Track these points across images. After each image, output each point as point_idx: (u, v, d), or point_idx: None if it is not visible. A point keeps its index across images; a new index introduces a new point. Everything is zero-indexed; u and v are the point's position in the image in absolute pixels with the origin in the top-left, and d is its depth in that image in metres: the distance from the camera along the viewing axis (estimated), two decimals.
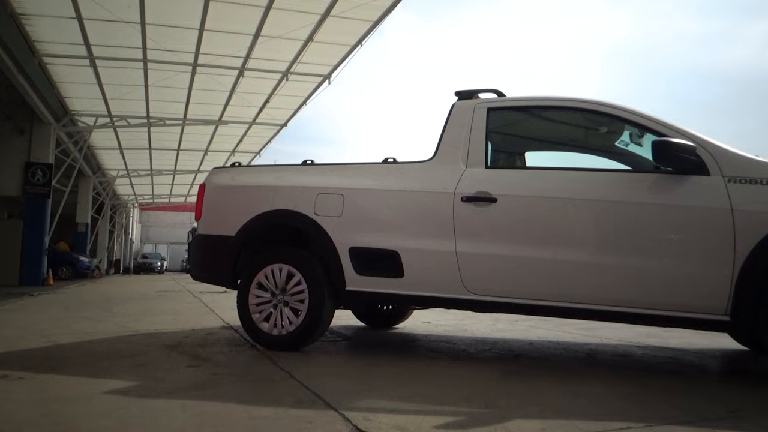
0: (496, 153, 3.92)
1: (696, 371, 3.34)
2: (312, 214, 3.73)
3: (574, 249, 3.16)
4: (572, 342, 4.41)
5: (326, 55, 13.31)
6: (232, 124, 18.56)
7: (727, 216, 2.85)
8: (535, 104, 3.69)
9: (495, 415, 2.19)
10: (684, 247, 2.98)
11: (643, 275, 3.01)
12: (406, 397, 2.52)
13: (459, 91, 3.80)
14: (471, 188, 3.39)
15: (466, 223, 3.36)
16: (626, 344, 4.32)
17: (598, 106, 3.39)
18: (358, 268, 3.60)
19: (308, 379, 2.81)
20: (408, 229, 3.53)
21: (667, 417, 2.18)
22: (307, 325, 3.63)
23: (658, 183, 3.09)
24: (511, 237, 3.29)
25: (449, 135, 3.63)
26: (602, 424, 2.08)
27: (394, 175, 3.70)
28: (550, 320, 5.66)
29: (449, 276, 3.38)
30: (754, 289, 2.77)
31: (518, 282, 3.26)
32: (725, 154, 2.98)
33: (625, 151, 3.66)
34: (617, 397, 2.56)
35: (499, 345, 4.21)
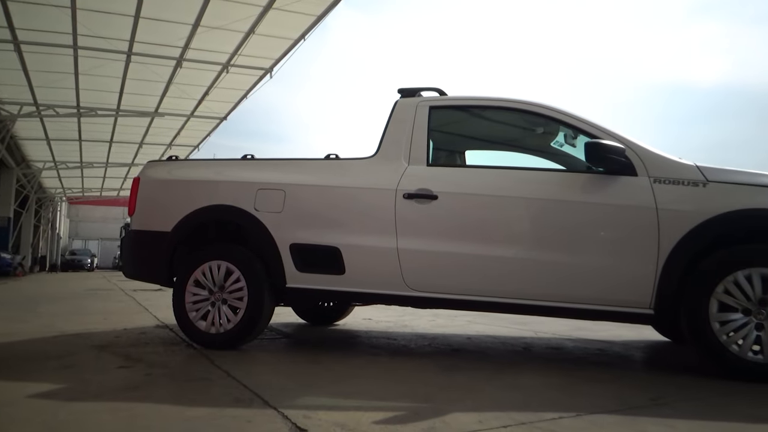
0: (438, 151, 3.97)
1: (623, 362, 3.51)
2: (252, 209, 3.67)
3: (511, 246, 3.26)
4: (509, 336, 4.54)
5: (268, 48, 13.10)
6: (169, 117, 17.97)
7: (652, 214, 3.01)
8: (476, 104, 3.76)
9: (434, 409, 2.22)
10: (613, 244, 3.12)
11: (576, 271, 3.14)
12: (347, 394, 2.53)
13: (402, 88, 3.83)
14: (412, 185, 3.42)
15: (407, 220, 3.39)
16: (559, 337, 4.48)
17: (534, 107, 3.49)
18: (299, 265, 3.56)
19: (247, 378, 2.76)
20: (350, 225, 3.53)
21: (596, 406, 2.28)
22: (246, 322, 3.56)
23: (590, 182, 3.22)
24: (451, 234, 3.35)
25: (392, 132, 3.65)
26: (536, 414, 2.15)
27: (337, 171, 3.68)
28: (488, 315, 5.80)
29: (390, 272, 3.40)
30: (675, 284, 2.94)
31: (458, 278, 3.32)
32: (651, 156, 3.15)
33: (559, 151, 3.80)
34: (550, 388, 2.66)
35: (439, 340, 4.27)
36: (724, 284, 2.86)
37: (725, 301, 2.86)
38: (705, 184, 3.00)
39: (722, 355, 2.84)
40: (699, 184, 3.01)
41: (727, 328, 2.84)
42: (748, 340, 2.82)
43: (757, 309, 2.82)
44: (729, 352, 2.83)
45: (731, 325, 2.84)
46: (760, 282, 2.81)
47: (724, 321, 2.85)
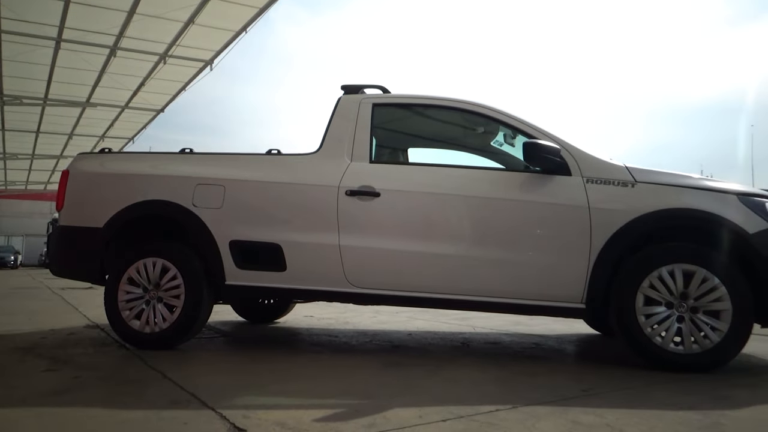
0: (380, 148, 3.99)
1: (556, 355, 3.65)
2: (190, 205, 3.56)
3: (452, 243, 3.31)
4: (448, 332, 4.62)
5: (209, 39, 12.75)
6: (102, 107, 17.20)
7: (584, 213, 3.14)
8: (419, 102, 3.80)
9: (375, 406, 2.24)
10: (548, 241, 3.23)
11: (513, 267, 3.23)
12: (287, 392, 2.50)
13: (345, 85, 3.82)
14: (355, 182, 3.42)
15: (349, 217, 3.39)
16: (496, 332, 4.61)
17: (475, 107, 3.57)
18: (238, 262, 3.50)
19: (183, 379, 2.69)
20: (291, 222, 3.49)
21: (531, 398, 2.36)
22: (183, 321, 3.47)
23: (527, 181, 3.32)
24: (393, 231, 3.37)
25: (334, 129, 3.63)
26: (474, 408, 2.20)
27: (278, 167, 3.64)
28: (429, 311, 5.88)
29: (332, 269, 3.39)
30: (605, 279, 3.08)
31: (400, 275, 3.35)
32: (584, 157, 3.28)
33: (499, 150, 3.90)
34: (488, 382, 2.73)
35: (380, 336, 4.30)
36: (649, 279, 3.02)
37: (650, 295, 3.01)
38: (633, 185, 3.16)
39: (647, 347, 3.00)
40: (628, 184, 3.16)
41: (652, 320, 3.01)
42: (670, 332, 2.99)
43: (679, 302, 2.99)
44: (653, 344, 2.99)
45: (655, 317, 3.01)
46: (681, 277, 2.98)
47: (649, 314, 3.01)
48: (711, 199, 3.09)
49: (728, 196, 3.10)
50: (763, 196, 3.18)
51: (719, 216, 3.01)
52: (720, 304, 2.93)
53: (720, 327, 2.93)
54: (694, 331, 2.96)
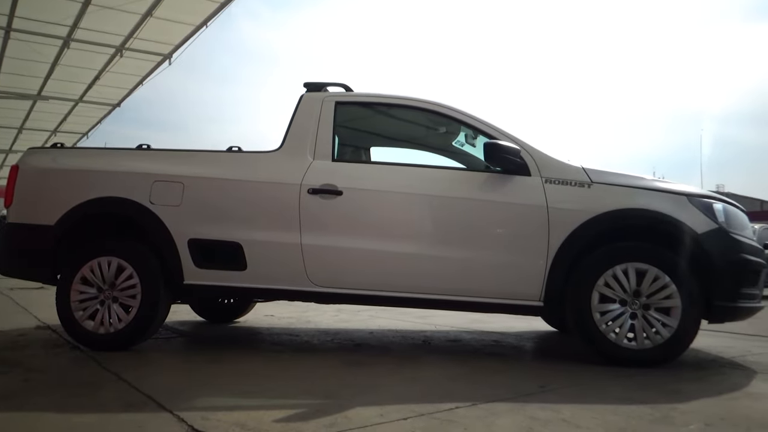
0: (343, 147, 3.98)
1: (515, 352, 3.71)
2: (147, 202, 3.48)
3: (413, 242, 3.34)
4: (410, 330, 4.65)
5: (167, 33, 12.45)
6: (55, 101, 16.58)
7: (543, 213, 3.20)
8: (382, 101, 3.81)
9: (336, 405, 2.23)
10: (508, 240, 3.29)
11: (474, 266, 3.28)
12: (248, 393, 2.47)
13: (308, 83, 3.79)
14: (317, 180, 3.40)
15: (311, 216, 3.37)
16: (457, 330, 4.66)
17: (437, 107, 3.60)
18: (197, 261, 3.43)
19: (140, 381, 2.62)
20: (252, 220, 3.45)
21: (490, 395, 2.39)
22: (139, 321, 3.38)
23: (488, 181, 3.37)
24: (355, 230, 3.37)
25: (297, 126, 3.61)
26: (435, 405, 2.22)
27: (239, 164, 3.58)
28: (390, 309, 5.90)
29: (294, 268, 3.36)
30: (563, 278, 3.16)
31: (362, 274, 3.35)
32: (543, 158, 3.35)
33: (460, 150, 3.94)
34: (448, 380, 2.76)
35: (341, 335, 4.29)
36: (604, 278, 3.10)
37: (605, 293, 3.10)
38: (590, 185, 3.24)
39: (602, 343, 3.09)
40: (584, 184, 3.24)
41: (607, 317, 3.10)
42: (623, 328, 3.08)
43: (632, 300, 3.09)
44: (607, 340, 3.08)
45: (610, 315, 3.10)
46: (634, 275, 3.08)
47: (604, 311, 3.10)
48: (663, 199, 3.19)
49: (679, 197, 3.21)
50: (711, 197, 3.31)
51: (670, 216, 3.12)
52: (670, 301, 3.05)
53: (670, 323, 3.04)
54: (646, 327, 3.07)
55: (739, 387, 2.67)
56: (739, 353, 3.64)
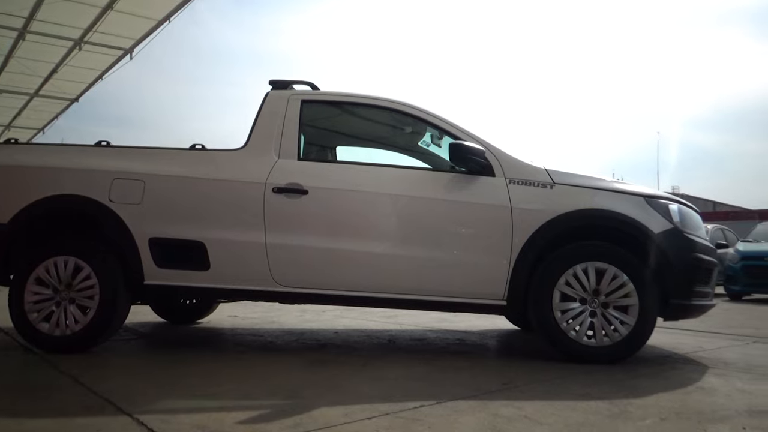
0: (309, 145, 3.95)
1: (479, 350, 3.76)
2: (106, 200, 3.39)
3: (379, 241, 3.34)
4: (375, 329, 4.66)
5: (129, 27, 12.13)
6: (8, 94, 15.97)
7: (507, 213, 3.25)
8: (348, 100, 3.80)
9: (300, 405, 2.22)
10: (472, 240, 3.32)
11: (439, 265, 3.30)
12: (210, 395, 2.44)
13: (273, 80, 3.76)
14: (282, 179, 3.37)
15: (276, 215, 3.34)
16: (422, 329, 4.69)
17: (404, 107, 3.61)
18: (159, 261, 3.36)
19: (98, 384, 2.55)
20: (215, 219, 3.40)
21: (455, 393, 2.42)
22: (97, 323, 3.29)
23: (453, 181, 3.40)
24: (320, 229, 3.36)
25: (262, 124, 3.57)
26: (399, 404, 2.23)
27: (203, 162, 3.53)
28: (355, 309, 5.90)
29: (258, 268, 3.33)
30: (525, 277, 3.21)
31: (327, 273, 3.34)
32: (507, 159, 3.40)
33: (426, 150, 3.97)
34: (413, 379, 2.77)
35: (306, 335, 4.27)
36: (565, 277, 3.17)
37: (566, 291, 3.17)
38: (552, 186, 3.30)
39: (563, 341, 3.16)
40: (547, 185, 3.31)
41: (567, 316, 3.17)
42: (583, 326, 3.16)
43: (592, 298, 3.17)
44: (568, 338, 3.15)
45: (570, 313, 3.17)
46: (594, 274, 3.16)
47: (565, 310, 3.17)
48: (621, 200, 3.28)
49: (637, 198, 3.31)
50: (667, 198, 3.42)
51: (628, 217, 3.21)
52: (628, 299, 3.13)
53: (628, 321, 3.13)
54: (605, 325, 3.15)
55: (691, 382, 2.77)
56: (691, 349, 3.77)
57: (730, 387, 2.66)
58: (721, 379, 2.85)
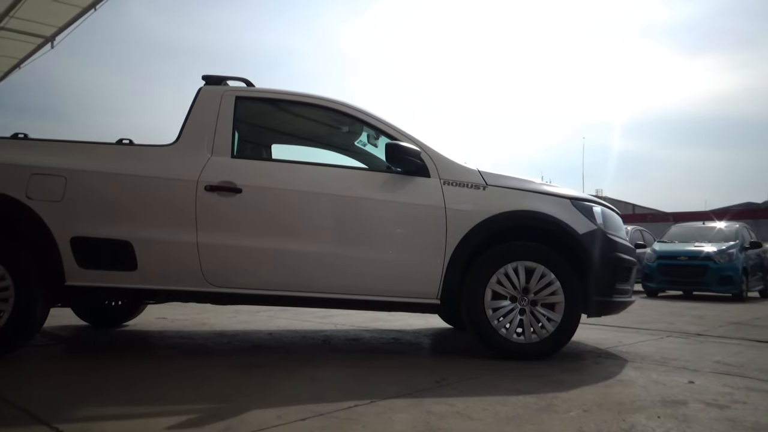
0: (243, 143, 3.87)
1: (413, 349, 3.81)
2: (23, 197, 3.18)
3: (314, 241, 3.32)
4: (309, 330, 4.62)
5: (50, 13, 11.42)
6: None
7: (441, 213, 3.31)
8: (284, 98, 3.74)
9: (232, 409, 2.17)
10: (407, 239, 3.36)
11: (374, 265, 3.32)
12: (137, 401, 2.34)
13: (206, 75, 3.65)
14: (215, 177, 3.29)
15: (208, 213, 3.25)
16: (357, 329, 4.70)
17: (340, 106, 3.60)
18: (81, 261, 3.19)
19: (13, 392, 2.40)
20: (144, 217, 3.27)
21: (389, 392, 2.44)
22: (12, 328, 3.09)
23: (389, 181, 3.42)
24: (254, 228, 3.29)
25: (194, 120, 3.46)
26: (334, 405, 2.23)
27: (130, 158, 3.38)
28: (290, 310, 5.83)
29: (189, 268, 3.23)
30: (459, 276, 3.28)
31: (260, 273, 3.29)
32: (442, 160, 3.46)
33: (362, 150, 3.98)
34: (348, 379, 2.78)
35: (239, 337, 4.18)
36: (496, 276, 3.27)
37: (497, 290, 3.27)
38: (485, 188, 3.39)
39: (494, 338, 3.25)
40: (480, 187, 3.39)
41: (498, 314, 3.26)
42: (513, 323, 3.27)
43: (521, 296, 3.28)
44: (499, 335, 3.24)
45: (501, 311, 3.27)
46: (524, 273, 3.27)
47: (496, 308, 3.26)
48: (549, 202, 3.42)
49: (563, 200, 3.45)
50: (591, 201, 3.59)
51: (556, 218, 3.35)
52: (555, 297, 3.27)
53: (554, 318, 3.26)
54: (533, 322, 3.27)
55: (612, 375, 2.92)
56: (612, 344, 3.98)
57: (646, 379, 2.83)
58: (638, 371, 3.02)
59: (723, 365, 3.26)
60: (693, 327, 5.32)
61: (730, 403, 2.37)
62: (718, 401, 2.40)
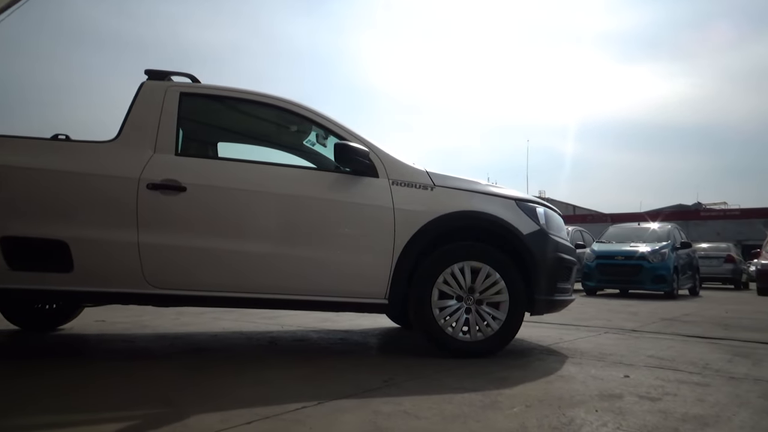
0: (188, 140, 3.77)
1: (361, 349, 3.81)
2: None
3: (261, 241, 3.27)
4: (256, 331, 4.55)
5: None
6: None
7: (389, 214, 3.33)
8: (231, 95, 3.67)
9: (174, 414, 2.11)
10: (356, 239, 3.36)
11: (321, 265, 3.30)
12: (73, 408, 2.24)
13: (150, 70, 3.54)
14: (158, 175, 3.19)
15: (150, 212, 3.15)
16: (304, 329, 4.66)
17: (289, 104, 3.57)
18: (12, 262, 3.03)
19: None
20: (81, 216, 3.13)
21: (337, 392, 2.43)
22: None
23: (337, 181, 3.41)
24: (199, 228, 3.22)
25: (136, 116, 3.35)
26: (280, 407, 2.20)
27: (67, 154, 3.23)
28: (235, 311, 5.73)
29: (129, 269, 3.12)
30: (406, 276, 3.31)
31: (204, 274, 3.21)
32: (390, 160, 3.48)
33: (311, 149, 3.95)
34: (295, 380, 2.75)
35: (182, 339, 4.07)
36: (443, 275, 3.32)
37: (444, 290, 3.32)
38: (432, 188, 3.43)
39: (440, 337, 3.30)
40: (428, 187, 3.43)
41: (445, 313, 3.31)
42: (459, 322, 3.33)
43: (467, 296, 3.34)
44: (445, 334, 3.29)
45: (448, 310, 3.32)
46: (469, 273, 3.34)
47: (443, 307, 3.31)
48: (495, 203, 3.50)
49: (508, 201, 3.54)
50: (535, 202, 3.70)
51: (501, 218, 3.42)
52: (500, 296, 3.35)
53: (499, 316, 3.34)
54: (479, 320, 3.34)
55: (554, 371, 3.01)
56: (554, 341, 4.11)
57: (585, 374, 2.94)
58: (578, 367, 3.14)
59: (656, 359, 3.43)
60: (629, 323, 5.57)
61: (661, 396, 2.49)
62: (651, 394, 2.52)
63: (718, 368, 3.20)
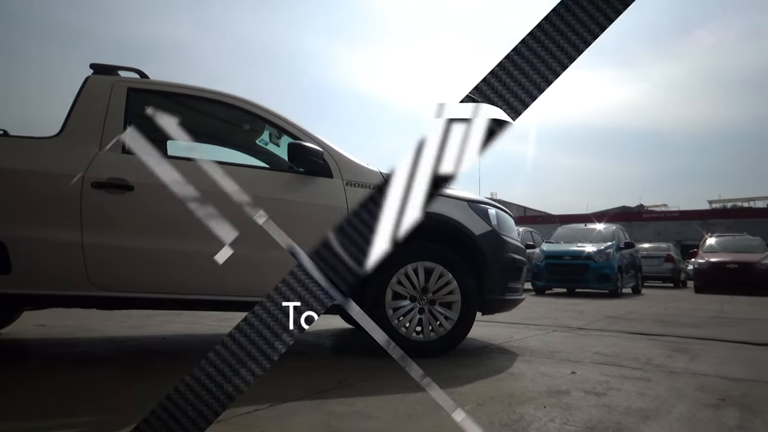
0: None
1: (314, 350, 3.79)
2: None
3: (209, 241, 3.19)
4: (208, 333, 4.46)
5: None
6: None
7: (344, 214, 3.31)
8: (182, 92, 3.58)
9: (119, 421, 2.04)
10: (309, 240, 3.33)
11: (273, 266, 3.24)
12: (9, 416, 2.13)
13: (95, 64, 3.42)
14: (104, 173, 3.08)
15: (95, 212, 3.04)
16: None
17: (242, 103, 3.51)
18: None
19: None
20: (19, 216, 2.99)
21: (289, 394, 2.41)
22: None
23: (291, 181, 3.39)
24: (146, 228, 3.13)
25: (81, 111, 3.22)
26: (231, 410, 2.16)
27: (5, 150, 3.08)
28: (186, 313, 5.59)
29: (72, 271, 3.00)
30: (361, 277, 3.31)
31: (152, 275, 3.12)
32: (345, 161, 3.47)
33: (264, 149, 3.90)
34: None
35: (129, 343, 3.95)
36: (397, 276, 3.34)
37: (397, 290, 3.34)
38: None
39: (394, 337, 3.31)
40: None
41: (398, 313, 3.34)
42: (413, 322, 3.35)
43: (420, 296, 3.37)
44: (399, 334, 3.31)
45: (401, 310, 3.34)
46: (423, 273, 3.37)
47: (396, 308, 3.33)
48: (448, 204, 3.54)
49: (461, 203, 3.59)
50: (487, 203, 3.76)
51: (454, 220, 3.47)
52: (452, 296, 3.39)
53: (452, 316, 3.38)
54: (432, 320, 3.37)
55: (504, 369, 3.08)
56: (504, 340, 4.20)
57: (534, 371, 3.02)
58: (527, 365, 3.21)
59: (601, 356, 3.55)
60: (575, 321, 5.74)
61: (606, 391, 2.59)
62: (596, 389, 2.61)
63: (659, 363, 3.34)
